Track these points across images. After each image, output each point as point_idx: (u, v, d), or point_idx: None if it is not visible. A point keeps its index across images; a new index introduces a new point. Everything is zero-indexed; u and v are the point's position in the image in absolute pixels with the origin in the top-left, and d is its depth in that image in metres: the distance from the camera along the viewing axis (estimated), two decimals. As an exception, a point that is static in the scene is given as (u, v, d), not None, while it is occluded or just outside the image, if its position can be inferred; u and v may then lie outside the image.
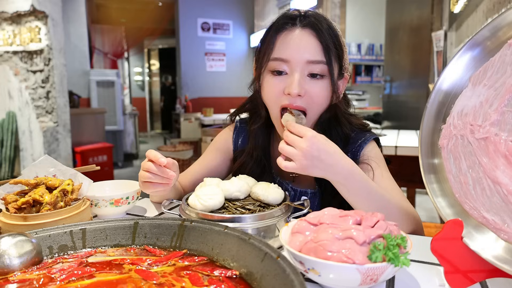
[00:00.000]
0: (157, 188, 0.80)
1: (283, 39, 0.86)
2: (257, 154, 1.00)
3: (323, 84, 0.86)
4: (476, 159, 0.54)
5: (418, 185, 2.54)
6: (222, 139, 1.10)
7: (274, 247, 0.48)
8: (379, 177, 0.89)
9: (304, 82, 0.84)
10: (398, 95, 4.50)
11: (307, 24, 0.86)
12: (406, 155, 2.17)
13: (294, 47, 0.84)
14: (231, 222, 0.68)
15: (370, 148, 0.95)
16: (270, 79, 0.88)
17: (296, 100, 0.84)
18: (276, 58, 0.86)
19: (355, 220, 0.57)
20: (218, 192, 0.75)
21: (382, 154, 0.98)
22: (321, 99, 0.87)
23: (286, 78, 0.85)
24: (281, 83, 0.86)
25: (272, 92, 0.87)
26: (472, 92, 0.56)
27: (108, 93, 5.69)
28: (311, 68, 0.84)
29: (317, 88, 0.85)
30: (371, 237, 0.52)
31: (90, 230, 0.60)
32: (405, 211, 0.80)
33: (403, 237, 0.53)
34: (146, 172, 0.79)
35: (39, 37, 3.89)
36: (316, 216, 0.59)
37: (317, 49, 0.84)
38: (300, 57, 0.84)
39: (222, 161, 1.08)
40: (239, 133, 1.09)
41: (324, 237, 0.53)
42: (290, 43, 0.85)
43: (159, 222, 0.61)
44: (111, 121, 5.67)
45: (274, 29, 0.88)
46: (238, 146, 1.07)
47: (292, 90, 0.83)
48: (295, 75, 0.84)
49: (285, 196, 0.80)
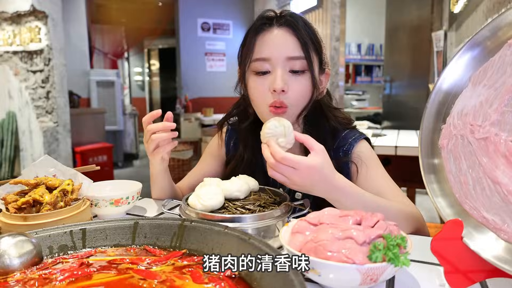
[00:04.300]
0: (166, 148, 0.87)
1: (262, 39, 0.89)
2: (247, 156, 1.01)
3: (304, 79, 0.88)
4: (476, 159, 0.54)
5: (418, 185, 2.54)
6: (214, 144, 1.13)
7: (274, 247, 0.48)
8: (374, 178, 0.90)
9: (287, 78, 0.87)
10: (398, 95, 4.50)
11: (283, 23, 0.89)
12: (406, 155, 2.17)
13: (273, 45, 0.87)
14: (231, 222, 0.68)
15: (361, 147, 0.96)
16: (254, 80, 0.90)
17: (280, 96, 0.86)
18: (257, 59, 0.89)
19: (355, 220, 0.57)
20: (218, 192, 0.75)
21: (374, 152, 0.98)
22: (303, 93, 0.89)
23: (269, 77, 0.88)
24: (266, 81, 0.88)
25: (258, 91, 0.89)
26: (472, 92, 0.56)
27: (108, 93, 5.68)
28: (292, 64, 0.87)
29: (299, 83, 0.88)
30: (371, 237, 0.52)
31: (90, 230, 0.60)
32: (405, 213, 0.80)
33: (403, 237, 0.53)
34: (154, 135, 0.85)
35: (39, 37, 3.89)
36: (316, 216, 0.59)
37: (295, 45, 0.87)
38: (279, 54, 0.87)
39: (217, 166, 1.10)
40: (231, 136, 1.10)
41: (324, 237, 0.53)
42: (269, 42, 0.88)
43: (159, 222, 0.61)
44: (111, 121, 5.67)
45: (253, 31, 0.91)
46: (230, 149, 1.09)
47: (276, 85, 0.85)
48: (277, 71, 0.86)
49: (284, 196, 0.80)
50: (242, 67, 0.94)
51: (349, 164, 0.94)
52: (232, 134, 1.10)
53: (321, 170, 0.71)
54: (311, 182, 0.71)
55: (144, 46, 9.82)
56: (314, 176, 0.71)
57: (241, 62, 0.95)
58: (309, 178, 0.70)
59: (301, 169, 0.70)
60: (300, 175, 0.70)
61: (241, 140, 1.04)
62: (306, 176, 0.70)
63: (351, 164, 0.93)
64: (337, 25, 3.98)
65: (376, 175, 0.90)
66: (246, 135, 1.03)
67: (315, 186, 0.73)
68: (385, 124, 4.62)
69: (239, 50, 0.97)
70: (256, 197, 0.81)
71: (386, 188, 0.87)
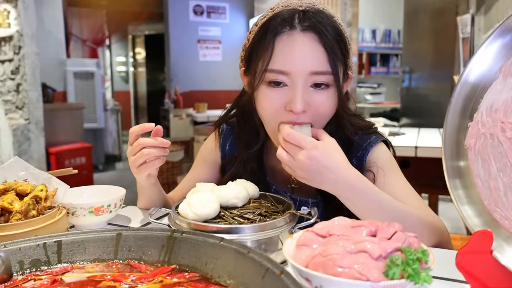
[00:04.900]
0: (155, 164, 0.87)
1: (281, 47, 0.83)
2: (251, 166, 1.00)
3: (328, 93, 0.85)
4: (508, 161, 0.54)
5: (441, 191, 2.54)
6: (207, 148, 1.12)
7: (276, 262, 0.48)
8: (392, 184, 0.89)
9: (308, 96, 0.83)
10: (418, 88, 4.50)
11: (308, 27, 0.83)
12: (427, 156, 2.17)
13: (296, 57, 0.82)
14: (228, 233, 0.68)
15: (378, 152, 0.95)
16: (266, 92, 0.86)
17: (299, 117, 0.83)
18: (274, 70, 0.83)
19: (369, 231, 0.57)
20: (213, 199, 0.75)
21: (395, 157, 0.97)
22: (327, 110, 0.86)
23: (287, 91, 0.83)
24: (281, 96, 0.84)
25: (270, 106, 0.85)
26: (503, 85, 0.56)
27: (87, 86, 5.68)
28: (315, 78, 0.83)
29: (322, 98, 0.84)
30: (388, 250, 0.52)
31: (67, 243, 0.60)
32: (426, 222, 0.80)
33: (424, 250, 0.53)
34: (145, 149, 0.84)
35: (8, 21, 3.89)
36: (324, 227, 0.59)
37: (321, 58, 0.83)
38: (303, 68, 0.82)
39: (212, 173, 1.10)
40: (226, 137, 1.09)
41: (334, 251, 0.53)
42: (290, 52, 0.82)
43: (145, 234, 0.61)
44: (90, 118, 5.67)
45: (270, 33, 0.84)
46: (226, 152, 1.08)
47: (295, 107, 0.81)
48: (297, 89, 0.82)
49: (288, 203, 0.80)
50: (250, 75, 0.90)
51: (365, 174, 0.93)
52: (228, 134, 1.09)
53: (330, 157, 0.74)
54: (318, 169, 0.73)
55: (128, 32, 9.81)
56: (321, 162, 0.72)
57: (250, 67, 0.90)
58: (316, 159, 0.73)
59: (307, 149, 0.73)
60: (305, 155, 0.73)
61: (241, 146, 1.02)
62: (312, 159, 0.72)
63: (367, 173, 0.93)
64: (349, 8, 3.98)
65: (394, 181, 0.90)
66: (248, 139, 1.01)
67: (323, 177, 0.74)
68: (404, 122, 4.62)
69: (246, 51, 0.92)
70: (256, 205, 0.81)
71: (406, 196, 0.87)
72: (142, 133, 0.86)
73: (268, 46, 0.84)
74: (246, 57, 0.93)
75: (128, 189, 0.94)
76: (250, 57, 0.91)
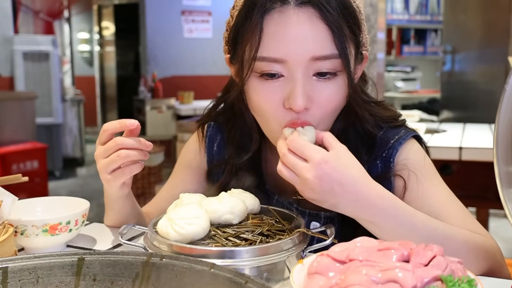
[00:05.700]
0: (133, 170, 0.86)
1: (273, 28, 0.81)
2: (243, 173, 1.00)
3: (336, 84, 0.84)
4: None
5: (493, 204, 2.54)
6: (190, 151, 1.12)
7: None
8: (428, 193, 0.89)
9: (310, 88, 0.82)
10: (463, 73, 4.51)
11: (305, 0, 0.80)
12: (475, 160, 2.17)
13: (292, 40, 0.80)
14: (220, 258, 0.68)
15: (408, 151, 0.94)
16: (259, 86, 0.85)
17: (300, 115, 0.82)
18: (265, 58, 0.82)
19: (401, 255, 0.57)
20: (201, 214, 0.75)
21: (430, 157, 0.97)
22: (334, 105, 0.85)
23: (284, 83, 0.83)
24: (276, 91, 0.83)
25: (264, 103, 0.85)
26: None
27: (41, 70, 5.69)
28: (318, 65, 0.81)
29: (329, 91, 0.83)
30: (425, 280, 0.52)
31: (14, 270, 0.60)
32: (475, 243, 0.80)
33: (471, 280, 0.53)
34: (122, 151, 0.83)
35: None
36: (343, 250, 0.59)
37: (325, 38, 0.81)
38: (301, 53, 0.80)
39: (196, 181, 1.10)
40: (213, 136, 1.09)
41: (356, 280, 0.53)
42: (284, 34, 0.80)
43: (115, 259, 0.61)
44: (44, 110, 5.68)
45: (258, 10, 0.81)
46: (213, 154, 1.08)
47: (295, 104, 0.80)
48: (296, 80, 0.81)
49: (297, 219, 0.80)
50: (237, 63, 0.88)
51: (392, 178, 0.93)
52: (215, 132, 1.09)
53: (345, 170, 0.74)
54: (331, 187, 0.73)
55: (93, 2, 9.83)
56: (334, 177, 0.72)
57: (236, 54, 0.89)
58: (326, 175, 0.72)
59: (314, 161, 0.72)
60: (313, 171, 0.72)
61: (233, 150, 1.03)
62: (320, 173, 0.72)
63: (396, 179, 0.93)
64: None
65: (431, 190, 0.90)
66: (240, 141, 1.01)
67: (338, 196, 0.73)
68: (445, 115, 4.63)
69: (230, 32, 0.91)
70: (256, 222, 0.81)
71: (446, 208, 0.87)
72: (119, 131, 0.86)
73: (255, 27, 0.81)
74: (231, 40, 0.92)
75: (93, 202, 0.95)
76: (235, 41, 0.89)
